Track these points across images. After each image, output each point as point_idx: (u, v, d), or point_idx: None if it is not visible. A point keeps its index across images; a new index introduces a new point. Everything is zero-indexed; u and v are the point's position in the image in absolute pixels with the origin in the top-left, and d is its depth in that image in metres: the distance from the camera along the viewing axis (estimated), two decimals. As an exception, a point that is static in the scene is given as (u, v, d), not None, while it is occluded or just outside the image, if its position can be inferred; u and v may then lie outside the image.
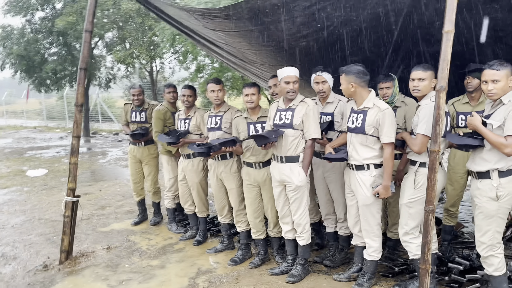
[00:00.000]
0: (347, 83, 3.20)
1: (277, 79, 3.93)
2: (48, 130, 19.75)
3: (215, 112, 4.14)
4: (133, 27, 14.10)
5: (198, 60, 12.10)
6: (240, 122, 3.89)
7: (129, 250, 4.52)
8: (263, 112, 3.83)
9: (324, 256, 3.96)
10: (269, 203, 3.82)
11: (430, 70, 3.04)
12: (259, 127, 3.78)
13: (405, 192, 3.11)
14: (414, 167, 3.07)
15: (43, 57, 14.08)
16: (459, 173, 3.95)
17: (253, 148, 3.74)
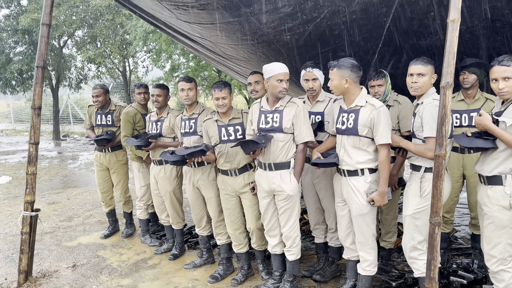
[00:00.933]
0: (340, 79, 2.86)
1: (258, 75, 3.59)
2: (16, 133, 18.82)
3: (189, 115, 3.75)
4: (104, 24, 13.48)
5: (173, 58, 11.65)
6: (210, 125, 3.50)
7: (98, 267, 4.07)
8: (235, 113, 3.45)
9: (313, 269, 3.63)
10: (250, 213, 3.47)
11: (431, 64, 2.73)
12: (231, 130, 3.41)
13: (410, 201, 2.78)
14: (419, 173, 2.74)
15: (8, 56, 13.30)
16: (454, 176, 3.69)
17: (226, 153, 3.40)
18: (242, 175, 3.42)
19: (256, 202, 3.41)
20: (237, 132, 3.39)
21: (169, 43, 10.25)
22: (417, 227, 2.73)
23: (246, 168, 3.44)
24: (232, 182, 3.45)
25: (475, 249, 3.82)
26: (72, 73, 15.61)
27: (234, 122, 3.42)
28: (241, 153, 3.33)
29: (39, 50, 3.71)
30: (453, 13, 2.32)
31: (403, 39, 3.66)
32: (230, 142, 3.39)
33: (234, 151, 3.37)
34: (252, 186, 3.40)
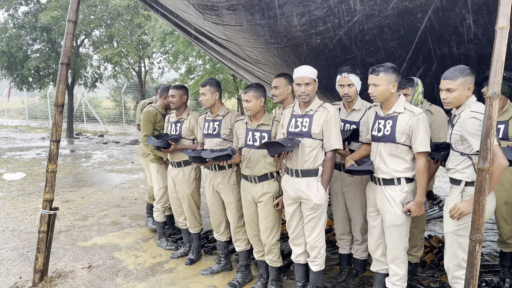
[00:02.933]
0: (388, 84, 2.77)
1: (279, 80, 3.46)
2: (30, 130, 18.96)
3: (213, 117, 3.68)
4: (122, 24, 13.53)
5: (189, 60, 11.63)
6: (240, 126, 3.46)
7: (113, 269, 4.00)
8: (265, 119, 3.35)
9: (335, 281, 3.51)
10: (264, 225, 3.35)
11: (463, 76, 2.58)
12: (257, 135, 3.32)
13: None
14: (459, 187, 2.62)
15: (26, 53, 13.41)
16: None
17: (249, 159, 3.32)
18: (261, 183, 3.31)
19: (271, 214, 3.31)
20: (262, 139, 3.29)
21: (187, 45, 10.23)
22: (461, 244, 2.59)
23: (267, 177, 3.32)
24: (251, 189, 3.37)
25: (504, 267, 3.67)
26: (88, 72, 15.70)
27: (263, 128, 3.33)
28: (262, 162, 3.26)
29: (64, 47, 3.67)
30: (502, 20, 2.21)
31: (435, 47, 3.55)
32: (254, 147, 3.30)
33: (256, 157, 3.28)
34: (276, 202, 3.28)
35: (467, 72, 2.60)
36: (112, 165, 9.89)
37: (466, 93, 2.61)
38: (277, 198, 3.29)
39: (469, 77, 2.60)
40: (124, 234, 4.99)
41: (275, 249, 3.39)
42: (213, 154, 3.21)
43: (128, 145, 13.54)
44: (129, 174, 8.73)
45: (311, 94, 3.02)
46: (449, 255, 2.66)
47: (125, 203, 6.37)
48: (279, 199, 3.27)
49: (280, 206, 3.27)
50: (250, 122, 3.36)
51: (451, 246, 2.64)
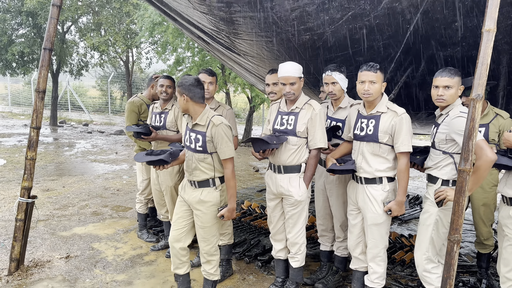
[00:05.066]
0: (381, 82, 2.79)
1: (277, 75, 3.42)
2: (12, 116, 18.56)
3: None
4: (110, 12, 13.30)
5: (178, 52, 11.49)
6: (183, 122, 3.05)
7: (92, 260, 3.94)
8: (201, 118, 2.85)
9: (315, 277, 3.52)
10: (201, 235, 2.96)
11: (457, 75, 2.64)
12: (193, 136, 2.88)
13: None
14: (434, 185, 2.66)
15: (10, 38, 13.09)
16: None
17: (187, 161, 2.96)
18: (201, 189, 2.90)
19: (208, 225, 2.91)
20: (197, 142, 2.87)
21: (176, 36, 10.10)
22: (433, 239, 2.65)
23: (207, 183, 2.89)
24: (190, 193, 2.93)
25: (481, 268, 3.73)
26: (74, 60, 15.42)
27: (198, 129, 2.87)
28: (200, 166, 2.86)
29: (47, 32, 3.58)
30: (488, 23, 2.23)
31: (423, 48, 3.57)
32: (190, 149, 2.91)
33: (193, 160, 2.88)
34: (221, 214, 2.86)
35: (460, 73, 2.69)
36: (95, 155, 9.75)
37: (458, 93, 2.66)
38: (221, 209, 2.88)
39: (460, 78, 2.65)
40: (104, 225, 4.92)
41: (214, 260, 3.03)
42: (147, 158, 2.89)
43: (113, 135, 13.37)
44: (113, 165, 8.62)
45: (296, 93, 3.01)
46: (421, 249, 2.70)
47: (107, 194, 6.28)
48: (224, 211, 2.85)
49: (225, 218, 2.87)
50: (190, 120, 2.95)
51: (423, 240, 2.69)
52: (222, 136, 2.79)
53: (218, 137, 2.80)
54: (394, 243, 4.35)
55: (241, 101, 19.40)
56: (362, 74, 2.80)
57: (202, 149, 2.85)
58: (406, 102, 3.89)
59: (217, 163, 2.90)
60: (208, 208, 2.91)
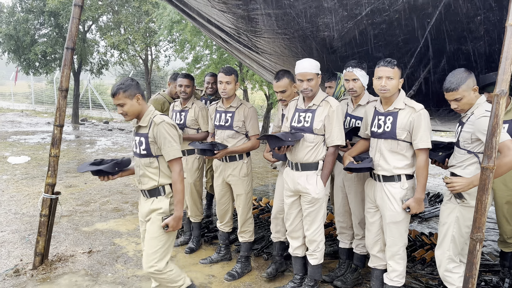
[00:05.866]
0: (399, 78, 2.76)
1: (285, 80, 3.32)
2: (36, 114, 19.04)
3: (225, 107, 3.64)
4: (129, 11, 13.47)
5: (196, 50, 11.57)
6: None
7: (113, 255, 4.02)
8: (144, 120, 2.66)
9: (334, 275, 3.51)
10: (147, 247, 2.65)
11: (462, 83, 2.58)
12: (137, 140, 2.69)
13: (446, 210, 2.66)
14: None
15: (33, 38, 13.40)
16: None
17: (135, 169, 2.75)
18: (152, 198, 2.66)
19: (156, 236, 2.61)
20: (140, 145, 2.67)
21: (194, 34, 10.17)
22: (454, 238, 2.61)
23: (158, 192, 2.66)
24: (143, 204, 2.72)
25: (504, 267, 3.65)
26: (95, 58, 15.68)
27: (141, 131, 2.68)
28: (148, 173, 2.65)
29: (69, 31, 3.66)
30: (512, 17, 2.17)
31: (444, 43, 3.51)
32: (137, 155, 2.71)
33: (140, 167, 2.67)
34: (165, 223, 2.59)
35: (465, 76, 2.60)
36: (116, 152, 9.92)
37: (473, 95, 2.61)
38: (166, 217, 2.61)
39: (469, 79, 2.61)
40: (125, 221, 5.01)
41: (164, 278, 2.66)
42: (91, 168, 2.63)
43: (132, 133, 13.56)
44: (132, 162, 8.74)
45: (314, 89, 2.99)
46: (442, 248, 2.66)
47: (127, 190, 6.39)
48: (169, 219, 2.58)
49: (170, 228, 2.60)
50: (135, 123, 2.72)
51: (444, 239, 2.65)
52: (165, 136, 2.57)
53: (160, 136, 2.57)
54: (414, 241, 4.30)
55: (259, 98, 19.39)
56: (379, 70, 2.77)
57: (146, 153, 2.62)
58: (427, 98, 3.83)
59: (164, 166, 2.65)
60: (156, 216, 2.63)
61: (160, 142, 2.60)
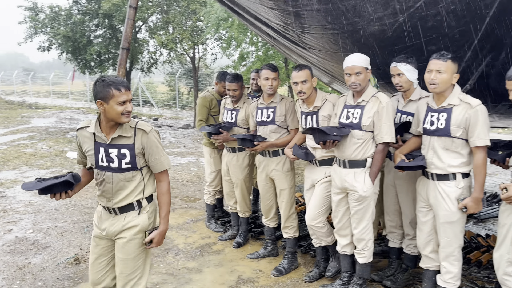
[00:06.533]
0: (452, 73, 2.67)
1: (306, 71, 3.23)
2: (91, 111, 20.03)
3: (267, 103, 3.67)
4: (178, 10, 13.84)
5: (242, 47, 11.68)
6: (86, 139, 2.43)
7: (165, 247, 4.18)
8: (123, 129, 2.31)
9: (383, 274, 3.44)
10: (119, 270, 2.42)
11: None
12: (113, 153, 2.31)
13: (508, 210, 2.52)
14: None
15: (89, 39, 14.10)
16: None
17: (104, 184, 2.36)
18: (123, 215, 2.37)
19: (131, 256, 2.37)
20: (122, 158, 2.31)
21: (240, 31, 10.27)
22: None
23: (132, 207, 2.36)
24: (110, 222, 2.38)
25: None
26: (145, 57, 16.25)
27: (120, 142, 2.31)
28: (126, 188, 2.33)
29: (125, 32, 3.83)
30: None
31: (505, 35, 3.32)
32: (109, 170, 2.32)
33: (115, 183, 2.31)
34: (149, 238, 2.36)
35: None
36: (165, 148, 10.22)
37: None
38: (150, 232, 2.37)
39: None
40: (175, 214, 5.18)
41: None
42: (39, 185, 2.20)
43: (180, 129, 13.95)
44: (181, 157, 9.01)
45: (362, 84, 2.94)
46: (501, 251, 2.53)
47: (177, 185, 6.60)
48: (154, 234, 2.36)
49: (154, 244, 2.38)
50: (103, 134, 2.31)
51: (503, 241, 2.51)
52: (156, 145, 2.35)
53: (152, 146, 2.32)
54: (470, 243, 4.11)
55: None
56: (431, 63, 2.70)
57: (130, 166, 2.30)
58: (484, 93, 3.64)
59: (148, 179, 2.41)
60: (134, 235, 2.35)
61: (150, 152, 2.33)
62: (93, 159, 2.32)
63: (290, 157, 3.36)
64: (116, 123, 2.28)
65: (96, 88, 2.22)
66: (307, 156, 3.27)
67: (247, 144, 3.57)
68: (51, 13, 13.82)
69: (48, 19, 13.79)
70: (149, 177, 2.42)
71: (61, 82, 34.58)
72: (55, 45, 14.21)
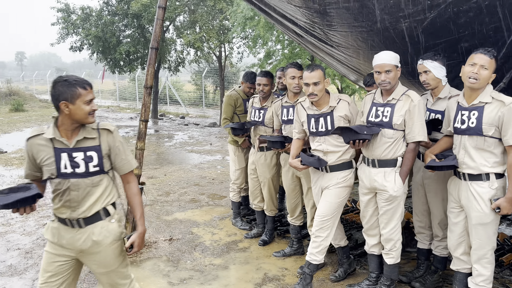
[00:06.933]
0: (492, 70, 2.60)
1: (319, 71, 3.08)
2: (120, 110, 20.54)
3: (292, 102, 3.67)
4: (204, 10, 13.98)
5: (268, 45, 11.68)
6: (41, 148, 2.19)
7: (192, 244, 4.25)
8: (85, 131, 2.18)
9: (411, 275, 3.39)
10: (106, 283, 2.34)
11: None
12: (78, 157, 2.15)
13: None
14: None
15: (118, 39, 14.43)
16: None
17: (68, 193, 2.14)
18: (91, 226, 2.19)
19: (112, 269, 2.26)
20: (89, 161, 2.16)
21: (267, 30, 10.28)
22: None
23: (99, 217, 2.21)
24: (74, 236, 2.18)
25: None
26: (172, 56, 16.49)
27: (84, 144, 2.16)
28: (96, 194, 2.18)
29: (154, 32, 3.90)
30: None
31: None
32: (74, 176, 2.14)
33: (82, 190, 2.14)
34: (129, 244, 2.23)
35: None
36: (192, 146, 10.39)
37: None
38: (128, 237, 2.25)
39: None
40: (202, 211, 5.26)
41: None
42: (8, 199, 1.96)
43: (207, 127, 14.09)
44: (207, 155, 9.11)
45: (392, 82, 2.89)
46: None
47: (203, 182, 6.68)
48: (134, 237, 2.24)
49: (136, 247, 2.25)
50: (63, 138, 2.14)
51: None
52: (122, 144, 2.26)
53: (118, 146, 2.24)
54: (502, 245, 3.98)
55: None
56: (475, 56, 2.62)
57: (98, 169, 2.18)
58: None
59: (115, 182, 2.31)
60: (108, 246, 2.22)
61: (117, 152, 2.24)
62: (54, 168, 2.11)
63: (299, 167, 3.15)
64: (78, 125, 2.14)
65: (58, 88, 2.06)
66: (321, 162, 3.10)
67: (278, 146, 3.57)
68: (83, 14, 14.22)
69: (80, 20, 14.19)
70: (113, 181, 2.30)
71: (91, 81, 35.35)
72: (86, 45, 14.62)
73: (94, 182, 2.18)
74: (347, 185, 3.14)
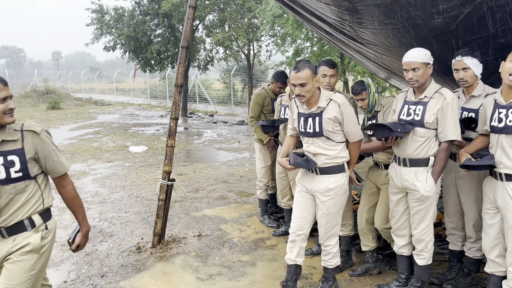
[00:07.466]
0: None
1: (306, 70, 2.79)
2: (151, 108, 20.95)
3: None
4: (234, 8, 14.06)
5: (297, 43, 11.63)
6: None
7: (220, 240, 4.30)
8: (8, 133, 2.04)
9: (443, 277, 3.31)
10: None
11: None
12: None
13: None
14: None
15: (149, 38, 14.73)
16: None
17: None
18: (12, 237, 2.06)
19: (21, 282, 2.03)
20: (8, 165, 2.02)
21: (295, 27, 10.24)
22: None
23: (23, 227, 2.07)
24: None
25: None
26: (201, 55, 16.69)
27: (5, 148, 2.02)
28: (19, 202, 2.05)
29: (184, 31, 3.96)
30: None
31: None
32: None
33: (2, 200, 2.02)
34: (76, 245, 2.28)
35: None
36: (220, 143, 10.49)
37: None
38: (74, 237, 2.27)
39: None
40: (230, 208, 5.31)
41: None
42: None
43: (235, 125, 14.19)
44: (236, 153, 9.18)
45: (420, 80, 2.83)
46: None
47: (231, 180, 6.74)
48: (79, 239, 2.27)
49: (82, 246, 2.28)
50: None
51: None
52: (52, 146, 2.11)
53: (47, 148, 2.09)
54: (540, 249, 3.82)
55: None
56: None
57: (22, 175, 2.03)
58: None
59: (45, 188, 2.15)
60: (21, 255, 2.04)
61: (46, 155, 2.09)
62: None
63: (287, 167, 2.92)
64: None
65: None
66: (309, 163, 2.86)
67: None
68: (116, 15, 14.60)
69: (113, 20, 14.57)
70: (44, 187, 2.15)
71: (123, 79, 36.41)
72: (119, 45, 15.00)
73: (18, 189, 2.03)
74: (341, 193, 2.91)
